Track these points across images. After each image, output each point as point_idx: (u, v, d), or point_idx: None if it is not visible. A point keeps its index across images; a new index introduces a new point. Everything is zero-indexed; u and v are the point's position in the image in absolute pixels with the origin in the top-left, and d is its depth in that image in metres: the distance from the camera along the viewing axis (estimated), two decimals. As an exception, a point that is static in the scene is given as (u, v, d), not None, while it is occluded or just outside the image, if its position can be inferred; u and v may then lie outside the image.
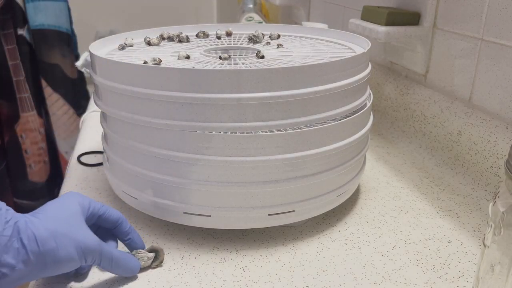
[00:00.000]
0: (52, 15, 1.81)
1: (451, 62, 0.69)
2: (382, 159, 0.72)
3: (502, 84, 0.60)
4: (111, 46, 0.62)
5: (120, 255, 0.43)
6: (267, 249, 0.50)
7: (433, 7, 0.71)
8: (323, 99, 0.47)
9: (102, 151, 0.70)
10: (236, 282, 0.45)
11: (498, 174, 0.58)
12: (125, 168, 0.51)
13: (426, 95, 0.73)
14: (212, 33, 0.71)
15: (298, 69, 0.45)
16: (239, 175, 0.47)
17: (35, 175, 1.98)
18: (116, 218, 0.46)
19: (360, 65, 0.52)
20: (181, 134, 0.46)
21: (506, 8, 0.58)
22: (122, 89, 0.47)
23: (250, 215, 0.48)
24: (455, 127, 0.66)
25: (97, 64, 0.51)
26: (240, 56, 0.59)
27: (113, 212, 0.46)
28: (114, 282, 0.44)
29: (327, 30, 0.67)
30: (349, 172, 0.53)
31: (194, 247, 0.50)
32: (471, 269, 0.47)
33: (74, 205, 0.42)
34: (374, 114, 0.86)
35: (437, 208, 0.58)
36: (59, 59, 1.91)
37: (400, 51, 0.81)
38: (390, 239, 0.52)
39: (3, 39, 1.75)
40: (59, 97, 1.97)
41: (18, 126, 1.90)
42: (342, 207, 0.57)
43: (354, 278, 0.45)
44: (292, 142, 0.46)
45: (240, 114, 0.45)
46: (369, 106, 0.55)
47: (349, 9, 1.00)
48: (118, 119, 0.50)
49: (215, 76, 0.44)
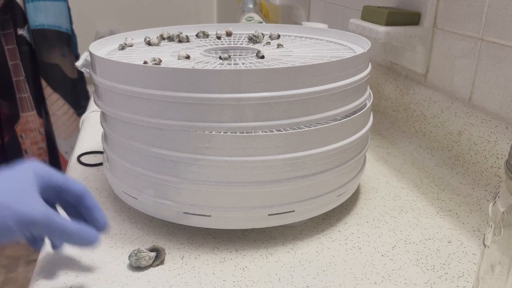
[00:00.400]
0: (52, 15, 1.81)
1: (451, 62, 0.69)
2: (382, 159, 0.72)
3: (502, 84, 0.60)
4: (111, 46, 0.62)
5: (73, 226, 0.40)
6: (267, 249, 0.50)
7: (433, 7, 0.71)
8: (323, 99, 0.47)
9: (102, 151, 0.70)
10: (236, 282, 0.45)
11: (498, 174, 0.58)
12: (125, 168, 0.51)
13: (426, 95, 0.73)
14: (212, 33, 0.71)
15: (298, 69, 0.45)
16: (239, 175, 0.47)
17: (35, 175, 1.98)
18: (78, 191, 0.43)
19: (360, 65, 0.52)
20: (181, 134, 0.46)
21: (506, 8, 0.58)
22: (122, 89, 0.47)
23: (250, 215, 0.48)
24: (455, 127, 0.66)
25: (97, 64, 0.51)
26: (240, 56, 0.59)
27: (75, 185, 0.43)
28: (114, 282, 0.44)
29: (327, 30, 0.67)
30: (349, 172, 0.53)
31: (194, 247, 0.50)
32: (471, 269, 0.47)
33: (26, 174, 0.40)
34: (374, 114, 0.86)
35: (437, 208, 0.58)
36: (59, 59, 1.91)
37: (400, 51, 0.81)
38: (390, 239, 0.52)
39: (3, 39, 1.75)
40: (59, 97, 1.97)
41: (18, 126, 1.90)
42: (342, 207, 0.57)
43: (354, 278, 0.45)
44: (292, 142, 0.46)
45: (240, 114, 0.45)
46: (369, 106, 0.55)
47: (349, 9, 1.00)
48: (118, 119, 0.50)
49: (215, 76, 0.44)
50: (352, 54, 0.57)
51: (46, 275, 0.45)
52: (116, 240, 0.51)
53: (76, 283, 0.44)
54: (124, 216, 0.55)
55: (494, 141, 0.59)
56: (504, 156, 0.57)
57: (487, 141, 0.60)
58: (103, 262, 0.47)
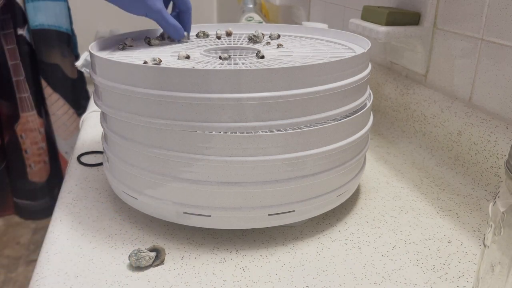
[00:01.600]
0: (52, 15, 1.81)
1: (451, 62, 0.69)
2: (382, 159, 0.72)
3: (502, 84, 0.60)
4: (111, 46, 0.62)
5: (172, 22, 0.62)
6: (267, 249, 0.50)
7: (433, 7, 0.71)
8: (323, 99, 0.47)
9: (102, 151, 0.70)
10: (236, 282, 0.45)
11: (498, 174, 0.58)
12: (125, 168, 0.51)
13: (426, 95, 0.73)
14: (212, 33, 0.71)
15: (298, 69, 0.45)
16: (239, 175, 0.47)
17: (35, 175, 1.98)
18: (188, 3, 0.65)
19: (360, 65, 0.52)
20: (181, 134, 0.46)
21: (506, 8, 0.58)
22: (122, 89, 0.47)
23: (250, 215, 0.48)
24: (455, 127, 0.66)
25: (97, 64, 0.51)
26: (240, 56, 0.59)
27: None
28: (114, 282, 0.44)
29: (327, 30, 0.67)
30: (349, 172, 0.53)
31: (194, 247, 0.50)
32: (471, 269, 0.47)
33: None
34: (374, 114, 0.86)
35: (437, 208, 0.58)
36: (59, 59, 1.91)
37: (400, 51, 0.81)
38: (390, 239, 0.52)
39: (3, 39, 1.75)
40: (59, 97, 1.97)
41: (18, 126, 1.90)
42: (342, 207, 0.57)
43: (354, 278, 0.45)
44: (292, 142, 0.46)
45: (240, 114, 0.45)
46: (369, 106, 0.55)
47: (349, 9, 1.00)
48: (118, 119, 0.50)
49: (215, 76, 0.44)
50: (352, 54, 0.57)
51: None
52: (116, 240, 0.51)
53: (76, 283, 0.44)
54: (124, 216, 0.55)
55: (494, 141, 0.59)
56: (504, 156, 0.57)
57: (487, 141, 0.60)
58: (103, 262, 0.47)
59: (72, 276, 0.45)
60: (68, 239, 0.51)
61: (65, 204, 0.58)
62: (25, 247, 1.85)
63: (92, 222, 0.54)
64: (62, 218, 0.54)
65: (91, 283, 0.44)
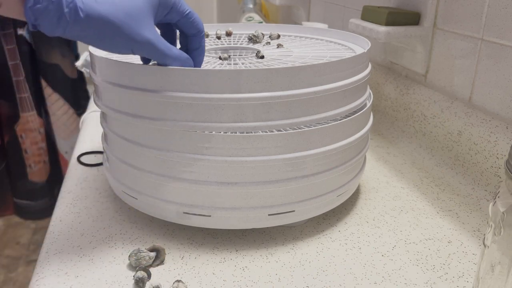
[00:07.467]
0: (52, 15, 1.81)
1: (451, 62, 0.69)
2: (382, 159, 0.72)
3: (502, 84, 0.60)
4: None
5: (173, 53, 0.45)
6: (267, 249, 0.50)
7: (433, 7, 0.71)
8: (323, 99, 0.47)
9: (102, 151, 0.70)
10: (236, 282, 0.45)
11: (498, 174, 0.58)
12: (125, 168, 0.51)
13: (426, 95, 0.73)
14: (212, 33, 0.71)
15: (298, 69, 0.45)
16: (239, 175, 0.47)
17: (35, 175, 1.98)
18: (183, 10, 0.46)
19: (360, 65, 0.52)
20: (181, 134, 0.46)
21: (506, 8, 0.58)
22: (122, 89, 0.47)
23: (250, 215, 0.48)
24: (455, 127, 0.66)
25: (97, 64, 0.51)
26: (240, 56, 0.59)
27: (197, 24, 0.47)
28: (114, 282, 0.44)
29: (327, 30, 0.67)
30: (349, 172, 0.53)
31: (194, 247, 0.50)
32: (471, 269, 0.47)
33: None
34: (374, 114, 0.86)
35: (437, 208, 0.58)
36: (59, 59, 1.91)
37: (400, 51, 0.81)
38: (390, 239, 0.52)
39: (3, 39, 1.75)
40: (59, 97, 1.97)
41: (18, 126, 1.90)
42: (342, 207, 0.57)
43: (354, 278, 0.45)
44: (292, 142, 0.46)
45: (240, 114, 0.45)
46: (369, 106, 0.55)
47: (349, 9, 1.00)
48: (118, 119, 0.50)
49: (215, 76, 0.44)
50: (352, 54, 0.57)
51: None
52: (116, 240, 0.51)
53: (76, 283, 0.44)
54: (124, 216, 0.55)
55: (494, 141, 0.59)
56: (504, 156, 0.57)
57: (487, 141, 0.60)
58: (103, 262, 0.47)
59: (72, 276, 0.45)
60: (68, 239, 0.51)
61: (65, 204, 0.58)
62: (25, 247, 1.85)
63: (92, 222, 0.54)
64: (62, 218, 0.54)
65: (91, 283, 0.44)
